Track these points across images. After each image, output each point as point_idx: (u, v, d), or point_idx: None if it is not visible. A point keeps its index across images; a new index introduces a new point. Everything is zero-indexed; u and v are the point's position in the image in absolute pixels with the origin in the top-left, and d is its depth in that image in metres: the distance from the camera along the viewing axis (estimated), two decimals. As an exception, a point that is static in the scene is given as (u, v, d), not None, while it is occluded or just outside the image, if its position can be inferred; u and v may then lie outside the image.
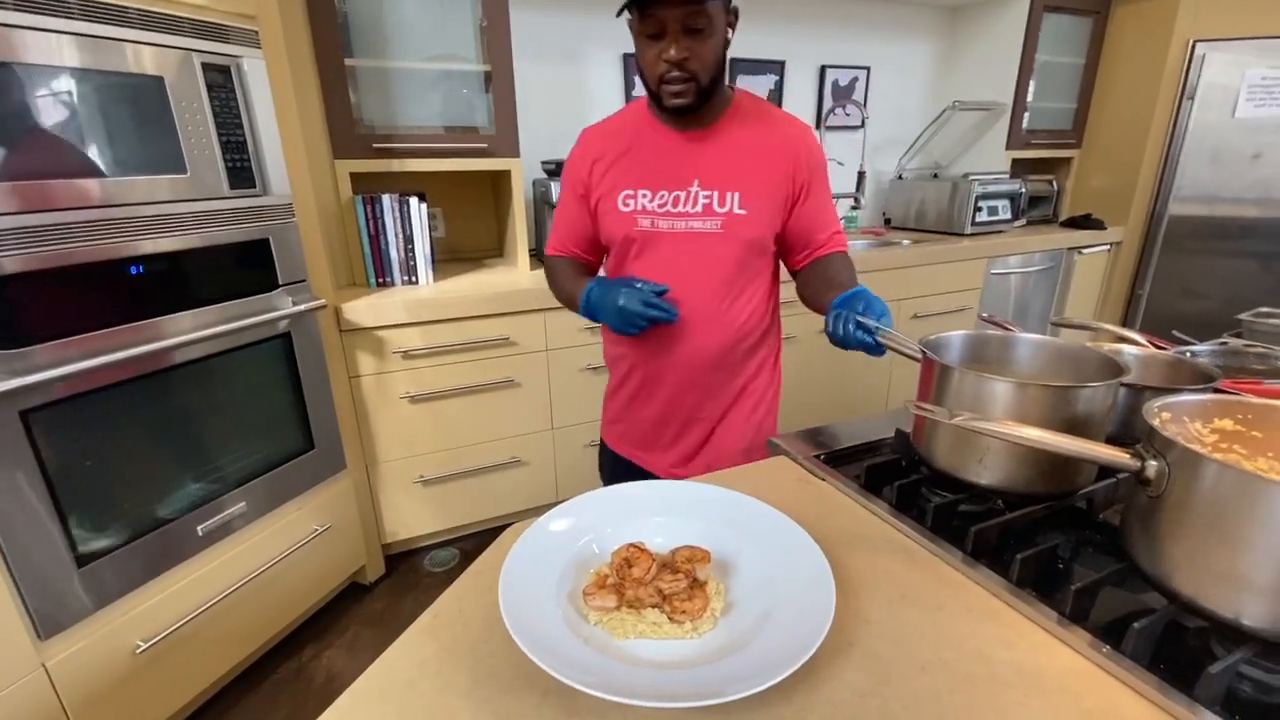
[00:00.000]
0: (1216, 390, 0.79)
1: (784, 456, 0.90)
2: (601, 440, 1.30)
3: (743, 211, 1.01)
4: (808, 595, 0.55)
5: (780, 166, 1.02)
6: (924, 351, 0.76)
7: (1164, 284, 3.07)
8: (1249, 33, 2.66)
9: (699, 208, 1.01)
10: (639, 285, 0.98)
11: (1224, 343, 1.13)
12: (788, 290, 1.19)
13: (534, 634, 0.50)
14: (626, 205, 1.02)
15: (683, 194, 1.01)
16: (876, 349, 0.85)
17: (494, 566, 0.66)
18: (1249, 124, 2.74)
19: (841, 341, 0.87)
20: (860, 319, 0.85)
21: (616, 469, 1.24)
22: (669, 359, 1.10)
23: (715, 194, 1.00)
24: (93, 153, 1.19)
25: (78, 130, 1.17)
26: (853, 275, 1.08)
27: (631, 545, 0.60)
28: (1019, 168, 3.07)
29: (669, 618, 0.54)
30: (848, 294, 0.90)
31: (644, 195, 1.02)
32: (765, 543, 0.64)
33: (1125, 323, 3.17)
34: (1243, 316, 1.32)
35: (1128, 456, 0.55)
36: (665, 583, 0.56)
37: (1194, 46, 2.75)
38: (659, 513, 0.69)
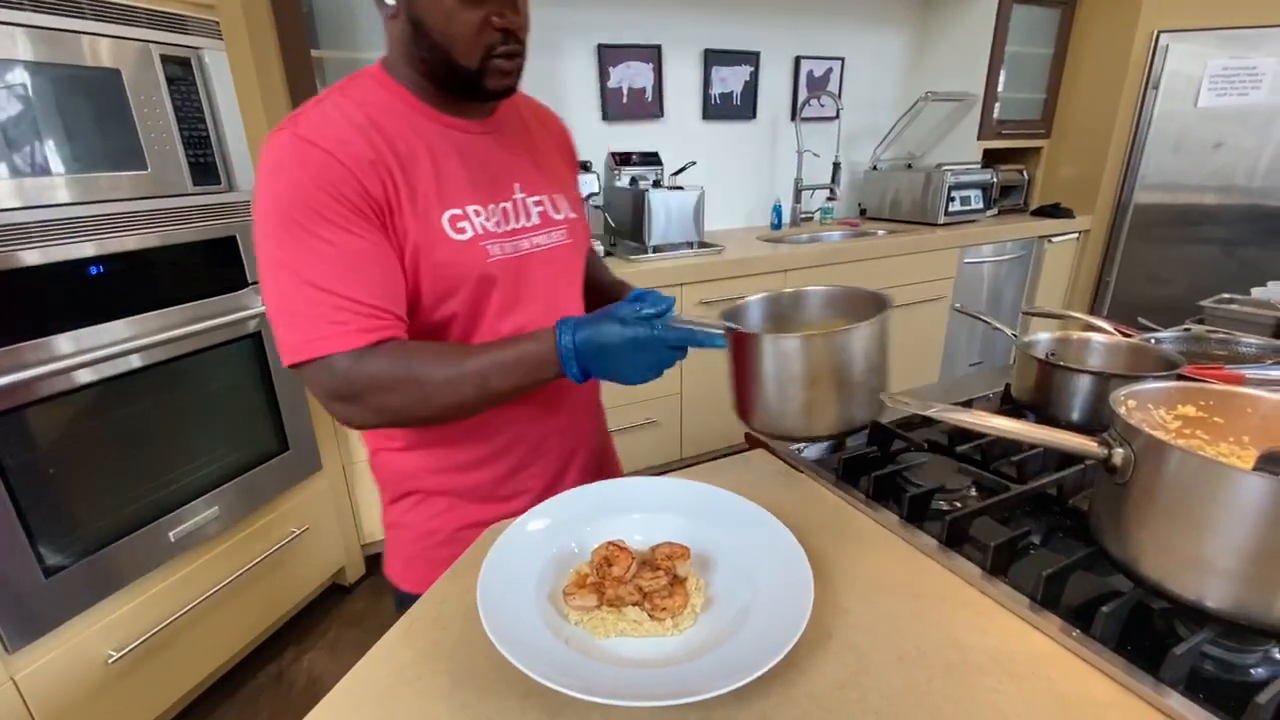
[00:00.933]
0: (1180, 377, 0.81)
1: (762, 449, 0.90)
2: (401, 594, 0.86)
3: (575, 215, 0.83)
4: (786, 589, 0.56)
5: (564, 158, 0.88)
6: (729, 326, 0.72)
7: (1130, 271, 3.15)
8: (1210, 23, 2.72)
9: (535, 219, 0.78)
10: (633, 308, 0.67)
11: (1187, 329, 1.16)
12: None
13: (514, 636, 0.50)
14: (461, 232, 0.70)
15: (510, 205, 0.76)
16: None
17: (472, 568, 0.65)
18: (1210, 113, 2.81)
19: None
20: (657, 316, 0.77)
21: None
22: (556, 421, 0.83)
23: (545, 199, 0.80)
24: (47, 150, 1.15)
25: (30, 126, 1.13)
26: (606, 268, 1.00)
27: (611, 543, 0.60)
28: (990, 158, 3.11)
29: (649, 615, 0.54)
30: (635, 294, 0.76)
31: (476, 213, 0.72)
32: (743, 537, 0.64)
33: (1094, 309, 3.25)
34: (1204, 303, 1.36)
35: (1095, 444, 0.57)
36: (645, 580, 0.56)
37: (1158, 37, 2.80)
38: (637, 510, 0.69)
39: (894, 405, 0.64)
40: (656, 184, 2.39)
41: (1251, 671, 0.54)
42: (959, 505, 0.76)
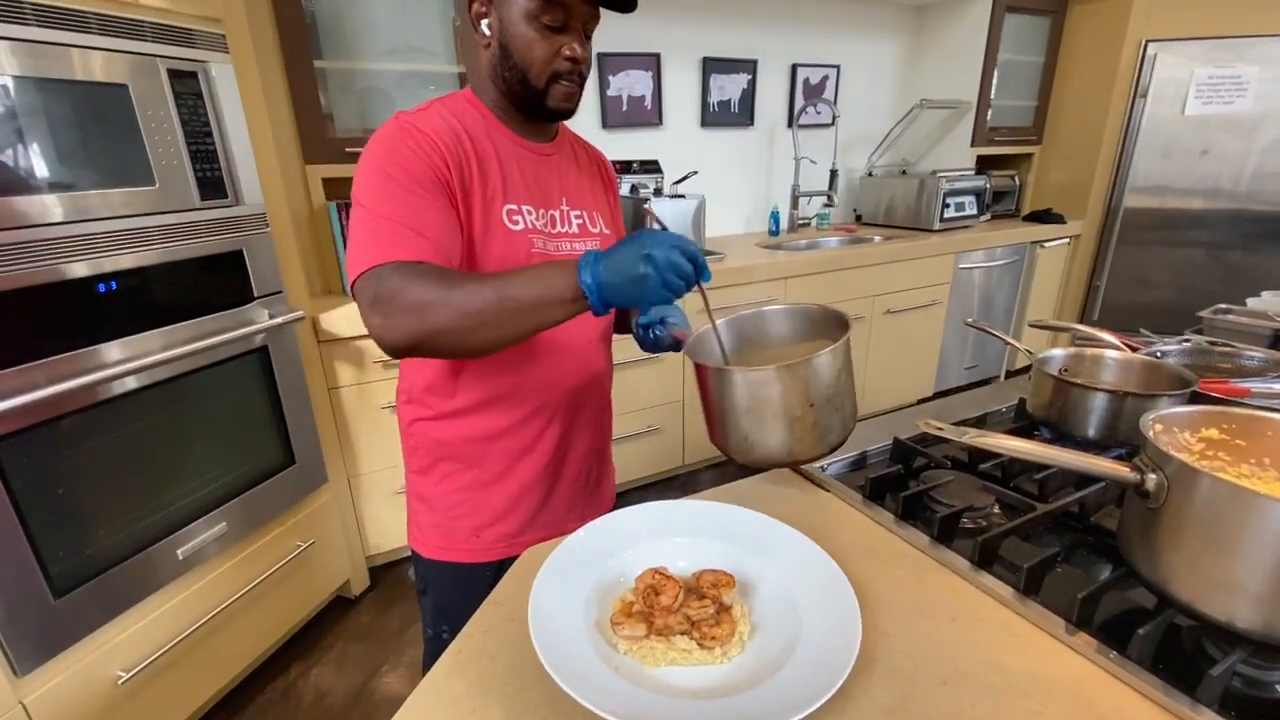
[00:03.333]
0: (1195, 395, 0.84)
1: (786, 468, 0.91)
2: (418, 557, 0.99)
3: (609, 232, 0.97)
4: (830, 614, 0.57)
5: (604, 187, 1.01)
6: (695, 363, 0.78)
7: (1120, 275, 3.21)
8: (1197, 33, 2.78)
9: (574, 228, 0.91)
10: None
11: (1187, 340, 1.18)
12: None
13: (570, 669, 0.50)
14: (514, 223, 0.84)
15: (556, 214, 0.90)
16: (676, 347, 0.88)
17: (513, 596, 0.66)
18: (1197, 121, 2.87)
19: (654, 346, 0.91)
20: (661, 322, 0.89)
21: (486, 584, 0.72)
22: (582, 407, 0.96)
23: (584, 214, 0.93)
24: (55, 167, 1.14)
25: (38, 143, 1.11)
26: None
27: (655, 571, 0.61)
28: (983, 164, 3.15)
29: (699, 644, 0.55)
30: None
31: (529, 212, 0.86)
32: (781, 560, 0.65)
33: (1084, 314, 3.30)
34: (1203, 313, 1.39)
35: (1128, 470, 0.58)
36: (693, 609, 0.57)
37: (1146, 46, 2.86)
38: (674, 534, 0.69)
39: (928, 430, 0.66)
40: (657, 192, 2.39)
41: (1278, 688, 0.56)
42: (984, 524, 0.77)
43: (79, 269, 1.17)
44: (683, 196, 2.30)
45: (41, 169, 1.12)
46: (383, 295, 0.68)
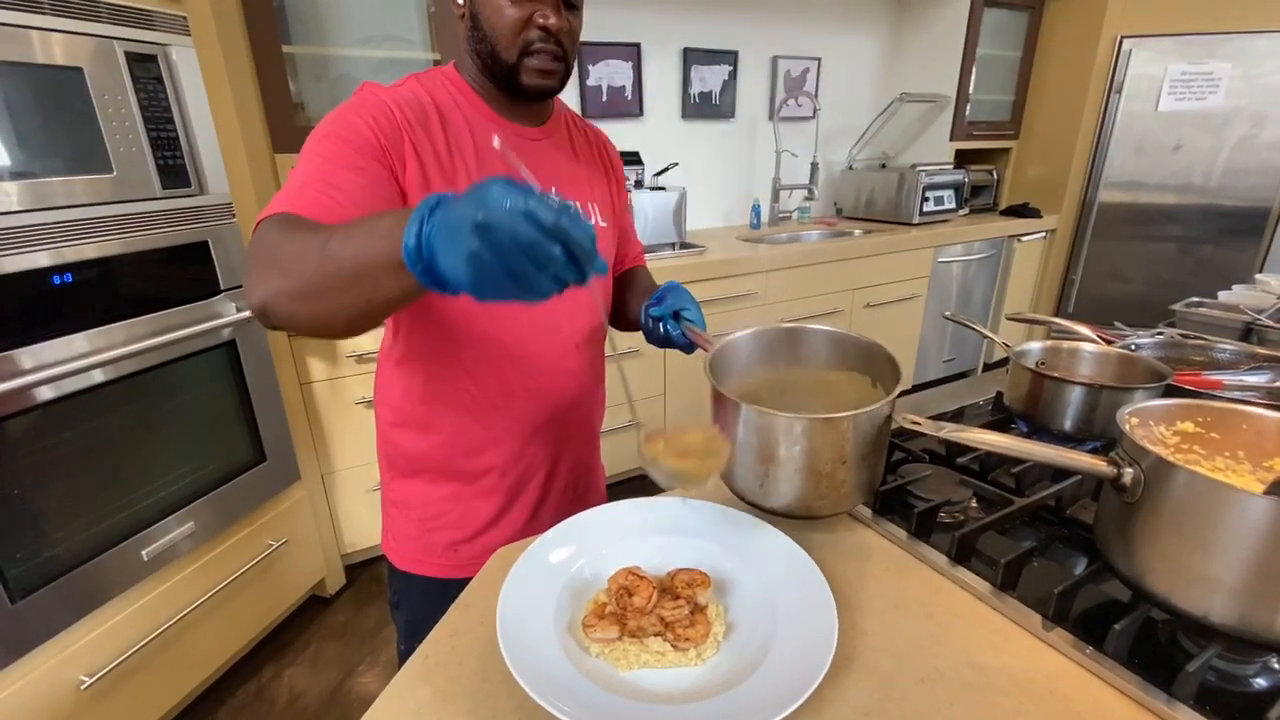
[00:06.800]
0: (1170, 388, 0.84)
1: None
2: (392, 568, 0.93)
3: (605, 224, 0.89)
4: (807, 613, 0.56)
5: (609, 176, 0.94)
6: (713, 388, 0.68)
7: (1094, 269, 3.25)
8: (1171, 29, 2.81)
9: None
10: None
11: (1160, 333, 1.19)
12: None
13: (539, 674, 0.49)
14: None
15: None
16: (688, 347, 0.82)
17: (483, 598, 0.64)
18: (1170, 116, 2.91)
19: (662, 341, 0.84)
20: (674, 316, 0.82)
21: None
22: (566, 413, 0.89)
23: (576, 205, 0.80)
24: (4, 154, 1.09)
25: (-14, 128, 1.06)
26: (652, 279, 1.02)
27: (629, 571, 0.59)
28: (961, 158, 3.17)
29: (672, 646, 0.54)
30: (661, 290, 0.85)
31: None
32: (759, 560, 0.64)
33: (1059, 307, 3.34)
34: (1175, 307, 1.41)
35: (1105, 464, 0.58)
36: (666, 610, 0.55)
37: (1121, 42, 2.89)
38: (649, 532, 0.68)
39: (905, 424, 0.65)
40: (638, 184, 2.37)
41: (1252, 682, 0.56)
42: (961, 518, 0.77)
43: (31, 260, 1.12)
44: (663, 189, 2.28)
45: (-11, 155, 1.07)
46: (249, 252, 0.59)
